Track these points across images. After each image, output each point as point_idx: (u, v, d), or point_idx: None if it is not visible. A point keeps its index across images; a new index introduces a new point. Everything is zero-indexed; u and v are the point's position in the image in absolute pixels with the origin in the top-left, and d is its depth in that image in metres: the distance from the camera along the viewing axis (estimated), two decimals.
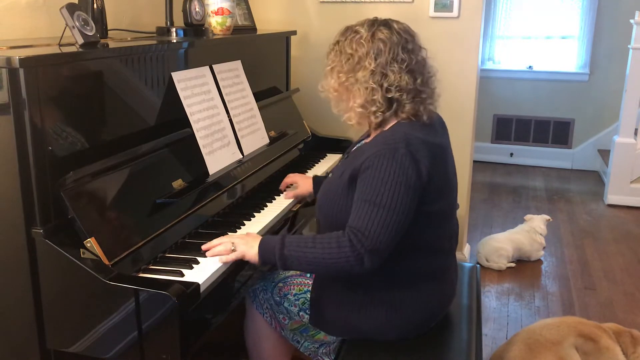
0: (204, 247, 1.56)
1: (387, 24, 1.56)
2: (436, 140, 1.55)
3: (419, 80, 1.54)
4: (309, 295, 1.71)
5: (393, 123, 1.56)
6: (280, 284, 1.78)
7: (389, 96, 1.52)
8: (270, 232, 1.81)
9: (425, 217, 1.52)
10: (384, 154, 1.44)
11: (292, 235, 1.64)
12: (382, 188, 1.43)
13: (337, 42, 1.60)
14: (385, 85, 1.51)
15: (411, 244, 1.54)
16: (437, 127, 1.62)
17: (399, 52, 1.52)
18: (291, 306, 1.74)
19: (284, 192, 2.07)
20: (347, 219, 1.48)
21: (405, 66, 1.52)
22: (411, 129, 1.51)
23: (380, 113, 1.53)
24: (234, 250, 1.53)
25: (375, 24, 1.56)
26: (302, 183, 2.05)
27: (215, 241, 1.56)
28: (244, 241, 1.54)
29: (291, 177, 2.09)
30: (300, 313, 1.72)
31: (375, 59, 1.51)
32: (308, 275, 1.76)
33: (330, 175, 1.70)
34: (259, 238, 1.54)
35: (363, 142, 1.70)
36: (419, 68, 1.56)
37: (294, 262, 1.48)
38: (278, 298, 1.76)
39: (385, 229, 1.42)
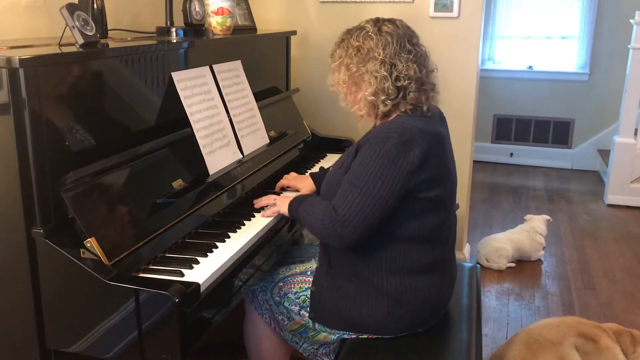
0: (255, 200, 1.88)
1: (390, 20, 1.64)
2: (434, 129, 1.60)
3: (424, 71, 1.62)
4: (309, 293, 1.71)
5: (395, 115, 1.62)
6: (281, 284, 1.78)
7: (398, 85, 1.58)
8: (270, 232, 1.81)
9: (422, 203, 1.56)
10: (376, 142, 1.52)
11: (314, 197, 1.80)
12: (364, 171, 1.52)
13: (342, 40, 1.66)
14: (395, 73, 1.58)
15: (408, 232, 1.57)
16: (436, 118, 1.67)
17: (405, 43, 1.60)
18: (291, 305, 1.74)
19: (286, 193, 2.07)
20: None
21: (412, 56, 1.60)
22: (410, 119, 1.58)
23: (389, 101, 1.59)
24: (274, 205, 1.82)
25: (380, 20, 1.64)
26: (302, 185, 2.05)
27: (263, 197, 1.89)
28: (282, 199, 1.82)
29: (287, 180, 2.09)
30: (301, 312, 1.72)
31: (384, 50, 1.58)
32: (309, 272, 1.77)
33: (331, 167, 1.79)
34: (291, 197, 1.78)
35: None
36: (423, 60, 1.64)
37: (300, 218, 1.70)
38: (278, 298, 1.76)
39: (357, 209, 1.51)
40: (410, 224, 1.57)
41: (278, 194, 2.01)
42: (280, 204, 1.81)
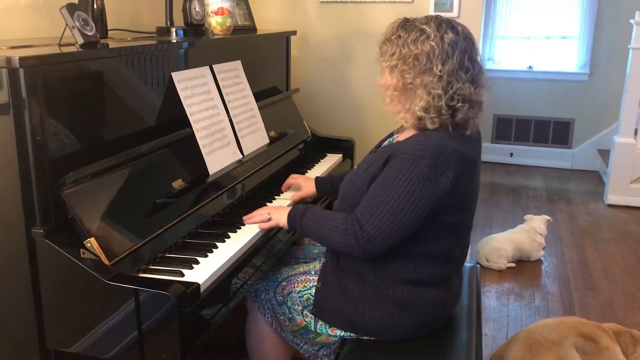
0: (244, 217, 1.76)
1: (453, 27, 1.53)
2: (470, 152, 1.53)
3: (476, 89, 1.53)
4: (313, 291, 1.71)
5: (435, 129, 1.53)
6: (284, 283, 1.78)
7: (450, 104, 1.49)
8: (270, 232, 1.81)
9: (444, 226, 1.54)
10: (409, 159, 1.46)
11: (316, 207, 1.70)
12: (394, 189, 1.46)
13: (399, 36, 1.54)
14: (450, 93, 1.49)
15: (424, 252, 1.56)
16: (474, 140, 1.59)
17: (465, 60, 1.50)
18: (294, 305, 1.73)
19: (285, 194, 2.07)
20: None
21: (469, 75, 1.51)
22: (448, 138, 1.50)
23: (437, 119, 1.50)
24: (269, 220, 1.72)
25: (442, 25, 1.52)
26: (305, 185, 2.05)
27: (254, 212, 1.76)
28: (277, 211, 1.73)
29: (293, 179, 2.09)
30: (304, 312, 1.72)
31: (443, 64, 1.48)
32: (312, 272, 1.76)
33: (356, 167, 1.72)
34: (289, 208, 1.70)
35: (395, 136, 1.71)
36: (479, 78, 1.54)
37: (308, 231, 1.62)
38: (281, 297, 1.76)
39: (383, 228, 1.47)
40: (427, 245, 1.55)
41: (265, 204, 1.93)
42: (276, 217, 1.72)
